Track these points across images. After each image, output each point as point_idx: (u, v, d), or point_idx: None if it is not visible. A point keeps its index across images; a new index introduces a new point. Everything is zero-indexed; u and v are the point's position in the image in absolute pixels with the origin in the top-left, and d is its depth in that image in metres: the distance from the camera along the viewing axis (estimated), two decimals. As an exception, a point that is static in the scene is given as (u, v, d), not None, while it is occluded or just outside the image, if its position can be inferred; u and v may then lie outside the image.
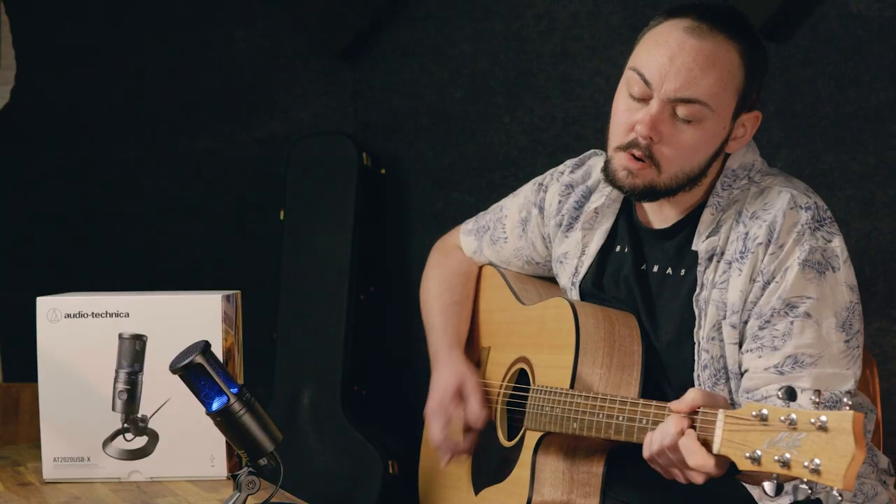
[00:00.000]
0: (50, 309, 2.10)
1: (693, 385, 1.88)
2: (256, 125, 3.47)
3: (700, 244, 1.88)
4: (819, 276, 1.80)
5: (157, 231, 3.51)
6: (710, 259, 1.87)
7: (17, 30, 3.47)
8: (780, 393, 1.47)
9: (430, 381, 2.22)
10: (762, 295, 1.81)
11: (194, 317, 2.09)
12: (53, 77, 3.50)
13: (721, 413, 1.56)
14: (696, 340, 1.88)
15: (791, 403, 1.47)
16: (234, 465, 2.12)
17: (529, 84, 3.16)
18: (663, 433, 1.64)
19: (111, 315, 2.10)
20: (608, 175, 1.91)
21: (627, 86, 1.87)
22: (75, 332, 2.10)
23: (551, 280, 2.24)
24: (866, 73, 2.68)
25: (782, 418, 1.45)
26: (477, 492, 2.12)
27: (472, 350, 2.30)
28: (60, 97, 3.52)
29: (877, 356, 2.57)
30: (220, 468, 2.10)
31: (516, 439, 2.03)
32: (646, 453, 1.70)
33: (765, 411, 1.47)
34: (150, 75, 3.50)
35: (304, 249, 3.30)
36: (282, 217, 3.32)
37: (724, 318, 1.85)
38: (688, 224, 1.93)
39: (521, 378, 2.09)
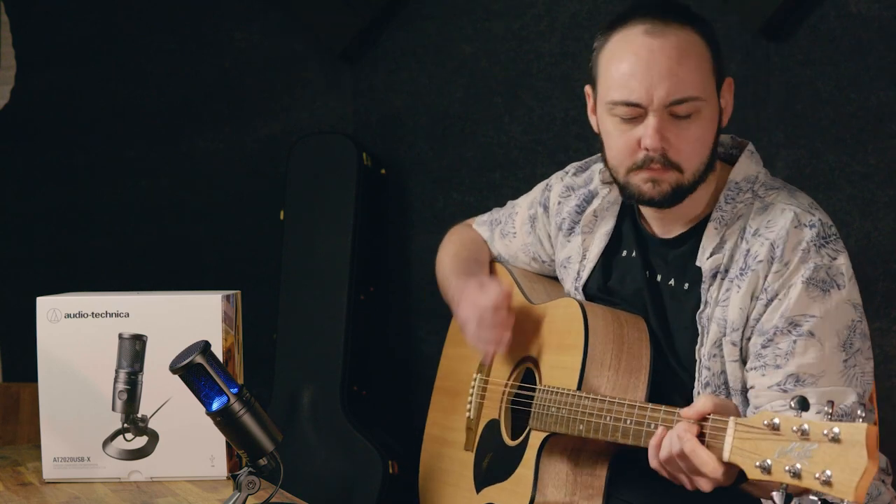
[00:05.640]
0: (50, 309, 2.10)
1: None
2: (256, 125, 3.47)
3: (704, 261, 1.88)
4: (823, 295, 1.79)
5: (157, 231, 3.51)
6: (714, 277, 1.87)
7: (17, 30, 3.47)
8: (792, 402, 1.45)
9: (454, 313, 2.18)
10: (765, 312, 1.81)
11: (194, 317, 2.09)
12: (53, 77, 3.50)
13: (732, 421, 1.54)
14: (696, 358, 1.88)
15: (803, 414, 1.45)
16: (234, 465, 2.12)
17: (529, 84, 3.16)
18: (672, 439, 1.63)
19: (111, 315, 2.10)
20: (631, 197, 1.91)
21: (614, 115, 1.87)
22: (75, 332, 2.10)
23: (557, 279, 2.24)
24: (866, 73, 2.68)
25: (794, 428, 1.43)
26: (479, 490, 2.12)
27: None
28: (60, 97, 3.52)
29: (877, 356, 2.57)
30: (220, 468, 2.10)
31: (520, 438, 2.02)
32: (653, 461, 1.69)
33: (777, 420, 1.46)
34: (150, 75, 3.50)
35: (304, 249, 3.29)
36: (282, 217, 3.32)
37: (725, 335, 1.85)
38: (692, 236, 1.92)
39: (528, 377, 2.09)
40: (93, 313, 2.10)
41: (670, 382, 1.92)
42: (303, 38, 3.42)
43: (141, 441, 2.10)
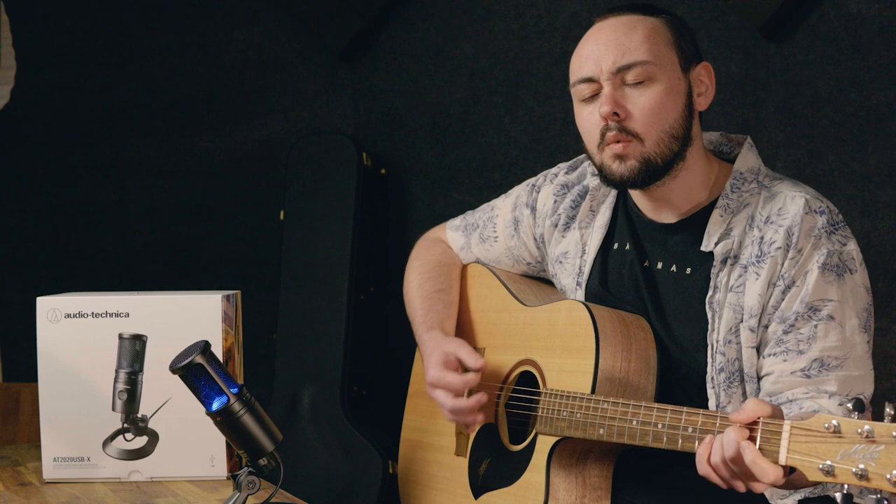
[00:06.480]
0: (50, 309, 2.10)
1: (705, 387, 1.88)
2: (256, 125, 3.47)
3: (712, 245, 1.88)
4: (838, 279, 1.81)
5: (157, 231, 3.51)
6: (725, 262, 1.87)
7: (17, 30, 3.47)
8: (850, 405, 1.46)
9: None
10: (783, 299, 1.82)
11: (194, 317, 2.09)
12: (53, 77, 3.50)
13: (787, 424, 1.53)
14: (709, 343, 1.87)
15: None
16: (234, 465, 2.12)
17: (529, 84, 3.16)
18: (725, 444, 1.60)
19: (111, 315, 2.10)
20: (605, 179, 1.93)
21: (578, 98, 1.94)
22: (75, 332, 2.10)
23: (541, 280, 2.23)
24: (866, 73, 2.68)
25: (858, 430, 1.43)
26: (477, 496, 2.10)
27: None
28: (60, 97, 3.52)
29: (877, 356, 2.57)
30: (220, 468, 2.10)
31: (525, 443, 2.01)
32: (702, 467, 1.64)
33: (835, 422, 1.45)
34: (150, 75, 3.51)
35: (304, 249, 3.30)
36: (282, 217, 3.32)
37: (742, 321, 1.85)
38: (693, 223, 1.93)
39: (524, 380, 2.08)
40: (93, 313, 2.10)
41: (672, 375, 1.92)
42: (303, 38, 3.42)
43: (141, 441, 2.10)
